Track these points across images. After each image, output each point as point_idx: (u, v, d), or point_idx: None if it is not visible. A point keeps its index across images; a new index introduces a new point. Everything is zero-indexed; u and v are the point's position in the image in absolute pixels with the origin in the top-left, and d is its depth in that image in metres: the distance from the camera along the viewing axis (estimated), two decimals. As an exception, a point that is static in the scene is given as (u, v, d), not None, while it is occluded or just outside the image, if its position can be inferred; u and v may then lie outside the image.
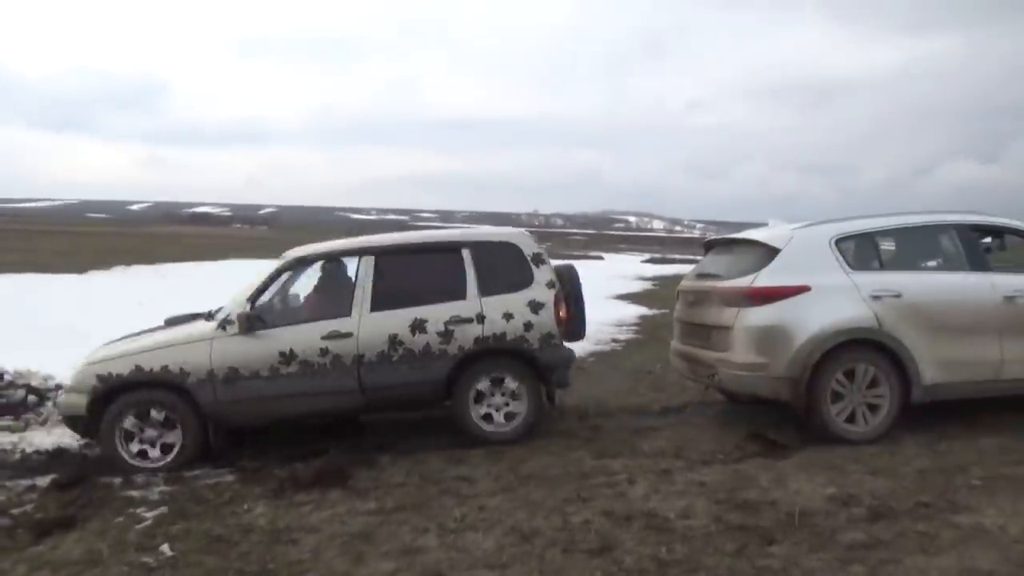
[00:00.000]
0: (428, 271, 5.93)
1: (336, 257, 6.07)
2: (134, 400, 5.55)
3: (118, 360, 5.63)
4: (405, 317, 5.74)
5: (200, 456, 5.58)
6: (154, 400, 5.58)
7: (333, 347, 5.64)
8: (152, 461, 5.52)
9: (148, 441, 5.57)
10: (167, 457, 5.55)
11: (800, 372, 5.41)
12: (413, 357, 5.71)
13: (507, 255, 5.99)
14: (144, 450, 5.55)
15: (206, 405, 5.57)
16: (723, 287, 5.83)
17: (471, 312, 5.81)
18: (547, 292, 5.93)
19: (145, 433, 5.57)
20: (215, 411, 5.60)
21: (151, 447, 5.56)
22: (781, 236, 5.79)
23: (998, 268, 5.70)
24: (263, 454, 5.75)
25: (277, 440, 6.14)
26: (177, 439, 5.56)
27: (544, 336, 5.86)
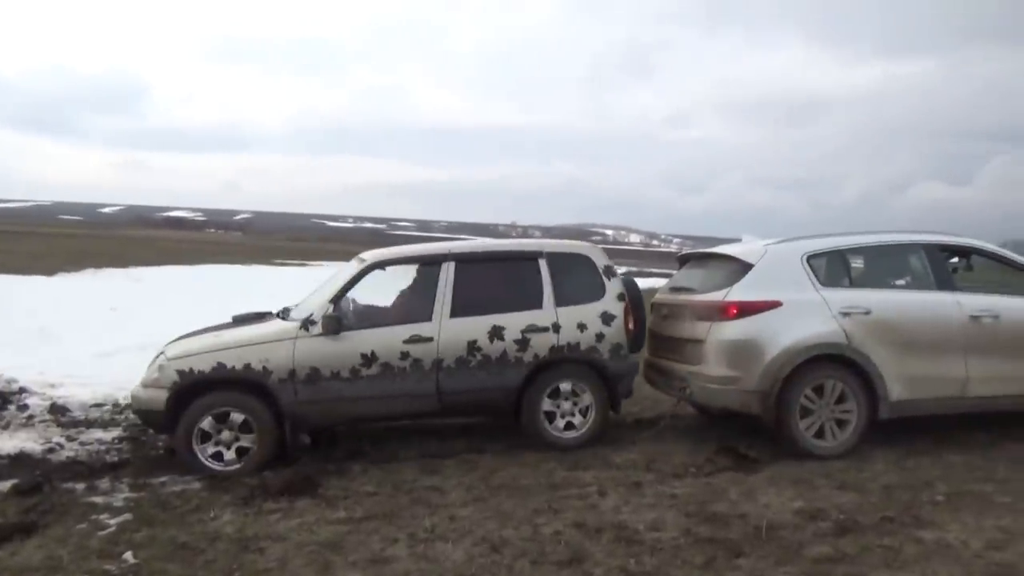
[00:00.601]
0: (506, 279, 6.02)
1: (417, 262, 6.11)
2: (215, 401, 5.45)
3: (200, 356, 5.52)
4: (484, 324, 5.81)
5: (274, 459, 5.48)
6: (235, 401, 5.48)
7: (414, 351, 5.69)
8: (226, 464, 5.42)
9: (224, 443, 5.47)
10: (241, 460, 5.45)
11: (770, 386, 5.47)
12: (490, 363, 5.78)
13: (581, 267, 6.11)
14: (219, 452, 5.46)
15: (286, 405, 5.51)
16: (697, 301, 5.91)
17: (547, 321, 5.90)
18: (618, 304, 6.06)
19: (222, 435, 5.46)
20: (295, 411, 5.54)
21: (227, 449, 5.46)
22: (754, 252, 5.87)
23: (964, 288, 5.83)
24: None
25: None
26: (253, 442, 5.46)
27: (614, 347, 5.99)
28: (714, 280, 5.94)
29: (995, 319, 5.63)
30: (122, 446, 6.17)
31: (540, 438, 5.92)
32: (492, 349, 5.79)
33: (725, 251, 6.16)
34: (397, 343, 5.70)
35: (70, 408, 7.11)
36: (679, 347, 5.97)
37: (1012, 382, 5.62)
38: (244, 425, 5.51)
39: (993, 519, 4.22)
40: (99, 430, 6.61)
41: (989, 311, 5.64)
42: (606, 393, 6.02)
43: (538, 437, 5.92)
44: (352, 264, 6.15)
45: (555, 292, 5.97)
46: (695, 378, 5.69)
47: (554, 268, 6.02)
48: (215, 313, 7.39)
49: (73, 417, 6.94)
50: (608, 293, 6.08)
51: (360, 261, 6.09)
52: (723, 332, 5.55)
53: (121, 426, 6.74)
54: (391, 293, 6.25)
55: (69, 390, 7.60)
